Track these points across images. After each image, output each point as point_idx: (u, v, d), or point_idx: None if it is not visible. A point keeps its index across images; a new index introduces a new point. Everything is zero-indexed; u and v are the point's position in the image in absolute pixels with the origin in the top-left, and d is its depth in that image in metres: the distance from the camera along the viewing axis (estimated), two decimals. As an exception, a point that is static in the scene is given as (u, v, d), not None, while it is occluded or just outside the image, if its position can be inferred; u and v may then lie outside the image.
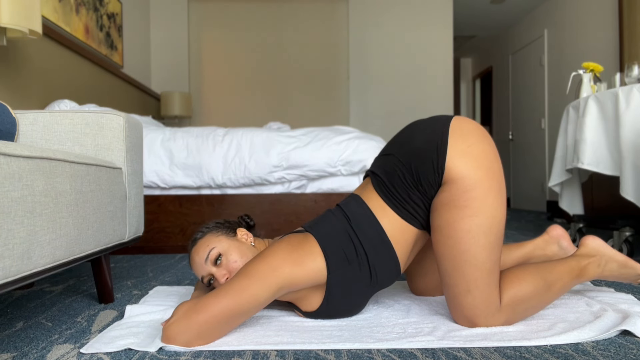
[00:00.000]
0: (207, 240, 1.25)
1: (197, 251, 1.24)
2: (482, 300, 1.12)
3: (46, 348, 1.07)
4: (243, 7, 4.84)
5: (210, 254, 1.22)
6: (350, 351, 1.02)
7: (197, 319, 1.03)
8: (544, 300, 1.21)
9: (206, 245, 1.24)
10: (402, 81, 4.99)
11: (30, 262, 0.96)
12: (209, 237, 1.26)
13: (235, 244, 1.25)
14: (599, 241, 1.36)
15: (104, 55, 3.33)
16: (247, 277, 1.07)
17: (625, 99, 2.13)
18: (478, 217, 1.12)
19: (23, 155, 0.94)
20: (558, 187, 2.69)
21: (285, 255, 1.12)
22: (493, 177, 1.14)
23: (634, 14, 3.87)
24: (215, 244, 1.24)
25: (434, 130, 1.19)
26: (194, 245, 1.27)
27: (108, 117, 1.47)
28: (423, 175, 1.16)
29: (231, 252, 1.23)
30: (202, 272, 1.23)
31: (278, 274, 1.09)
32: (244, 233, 1.31)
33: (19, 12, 1.80)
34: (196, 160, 2.46)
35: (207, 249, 1.23)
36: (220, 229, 1.28)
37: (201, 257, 1.23)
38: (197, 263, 1.24)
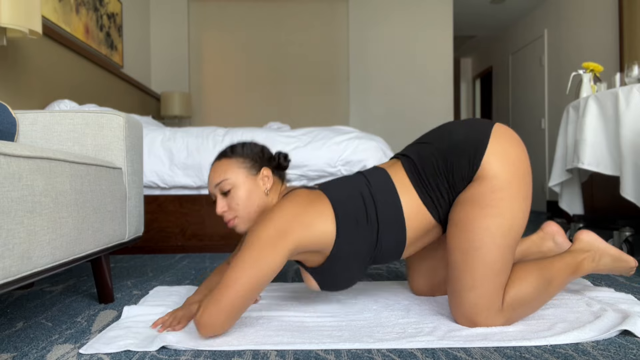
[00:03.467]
0: (228, 166, 1.23)
1: (215, 169, 1.24)
2: (485, 298, 1.13)
3: (46, 348, 1.07)
4: (243, 7, 4.84)
5: (222, 184, 1.21)
6: (350, 351, 1.02)
7: (226, 300, 1.04)
8: (543, 299, 1.22)
9: (224, 171, 1.22)
10: (402, 81, 4.99)
11: (30, 262, 0.96)
12: (231, 163, 1.23)
13: (248, 186, 1.22)
14: (593, 235, 1.38)
15: (104, 55, 3.33)
16: (258, 246, 1.07)
17: (625, 99, 2.13)
18: (500, 217, 1.13)
19: (23, 155, 0.94)
20: (558, 187, 2.69)
21: (294, 218, 1.11)
22: (524, 183, 1.15)
23: (634, 14, 3.87)
24: (232, 175, 1.21)
25: (477, 128, 1.20)
26: (218, 159, 1.25)
27: (108, 117, 1.46)
28: (457, 167, 1.17)
29: (240, 193, 1.21)
30: (209, 188, 1.25)
31: (288, 239, 1.09)
32: (265, 176, 1.25)
33: (19, 12, 1.80)
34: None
35: (222, 175, 1.22)
36: (247, 160, 1.24)
37: (214, 179, 1.23)
38: (210, 178, 1.25)
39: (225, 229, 2.50)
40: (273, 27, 4.86)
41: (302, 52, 4.88)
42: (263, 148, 1.28)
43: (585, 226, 2.52)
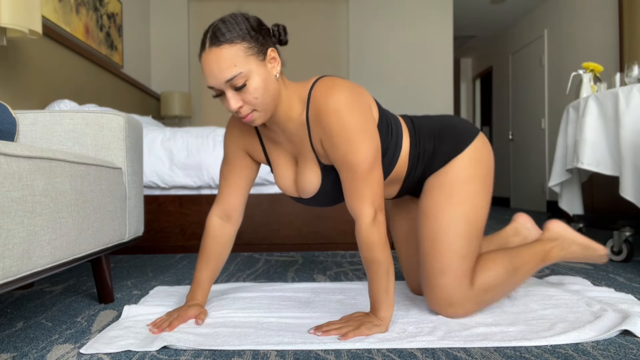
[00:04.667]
0: (234, 54, 1.04)
1: (219, 61, 1.04)
2: (454, 282, 1.21)
3: (46, 348, 1.07)
4: (243, 7, 4.83)
5: (236, 79, 1.05)
6: (350, 351, 1.02)
7: (373, 190, 1.12)
8: (511, 285, 1.30)
9: (232, 63, 1.03)
10: (402, 81, 4.99)
11: (30, 262, 0.96)
12: (237, 51, 1.04)
13: (262, 73, 1.07)
14: (562, 225, 1.47)
15: (104, 55, 3.33)
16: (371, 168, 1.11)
17: (625, 99, 2.13)
18: (465, 206, 1.24)
19: (23, 155, 0.94)
20: (558, 187, 2.69)
21: (368, 117, 1.13)
22: (487, 182, 1.29)
23: (634, 14, 3.87)
24: (243, 67, 1.04)
25: (470, 127, 1.34)
26: (217, 45, 1.04)
27: (108, 117, 1.47)
28: (446, 141, 1.29)
29: (255, 84, 1.07)
30: (213, 83, 1.06)
31: (376, 135, 1.14)
32: (273, 58, 1.11)
33: (19, 12, 1.80)
34: (196, 160, 2.46)
35: (232, 68, 1.03)
36: (254, 45, 1.06)
37: (223, 73, 1.04)
38: (213, 71, 1.05)
39: (225, 229, 2.50)
40: (273, 27, 4.86)
41: (302, 52, 4.88)
42: (259, 22, 1.10)
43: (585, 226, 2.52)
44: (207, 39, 1.05)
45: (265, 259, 2.30)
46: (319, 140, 1.16)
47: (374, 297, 1.15)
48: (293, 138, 1.21)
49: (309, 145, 1.19)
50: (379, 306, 1.14)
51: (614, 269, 1.94)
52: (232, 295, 1.48)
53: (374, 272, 1.13)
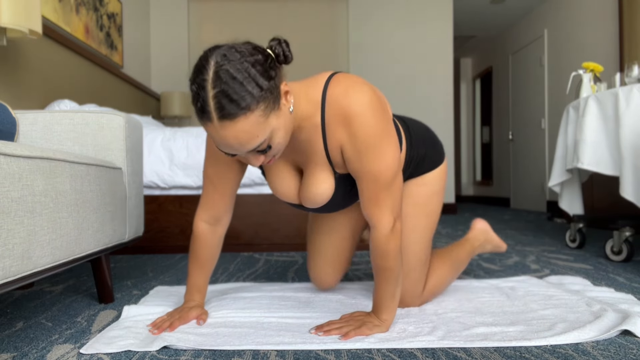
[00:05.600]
0: (253, 124, 0.87)
1: (237, 135, 0.87)
2: (412, 286, 1.34)
3: (46, 348, 1.07)
4: (243, 7, 4.84)
5: (260, 146, 0.92)
6: (350, 351, 1.02)
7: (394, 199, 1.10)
8: (450, 282, 1.47)
9: (253, 135, 0.88)
10: (402, 81, 4.99)
11: (30, 262, 0.96)
12: (256, 119, 0.87)
13: (281, 122, 0.93)
14: (485, 225, 1.67)
15: (104, 55, 3.33)
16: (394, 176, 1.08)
17: (625, 99, 2.13)
18: (433, 217, 1.36)
19: (23, 155, 0.94)
20: (558, 187, 2.69)
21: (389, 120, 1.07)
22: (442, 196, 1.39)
23: (634, 14, 3.87)
24: (266, 131, 0.90)
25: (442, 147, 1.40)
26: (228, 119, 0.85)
27: (108, 117, 1.46)
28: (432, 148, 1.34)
29: (278, 138, 0.94)
30: (231, 152, 0.92)
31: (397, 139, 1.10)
32: (286, 92, 0.95)
33: (19, 12, 1.80)
34: (196, 160, 2.46)
35: (255, 139, 0.89)
36: (269, 99, 0.88)
37: (244, 147, 0.89)
38: (231, 146, 0.89)
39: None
40: (273, 27, 4.86)
41: (302, 52, 4.88)
42: (262, 60, 0.90)
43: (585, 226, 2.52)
44: (210, 109, 0.85)
45: (265, 259, 2.30)
46: (338, 147, 1.05)
47: (379, 300, 1.15)
48: (301, 145, 1.09)
49: (323, 153, 1.07)
50: (383, 309, 1.14)
51: (614, 269, 1.94)
52: (232, 295, 1.48)
53: (384, 279, 1.13)
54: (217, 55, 0.87)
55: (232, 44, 0.91)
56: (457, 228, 3.70)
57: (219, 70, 0.85)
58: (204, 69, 0.86)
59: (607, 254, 2.17)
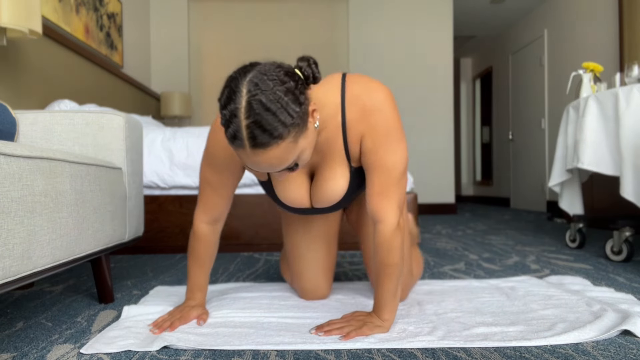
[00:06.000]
0: (285, 150, 0.90)
1: (270, 161, 0.90)
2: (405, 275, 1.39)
3: (46, 348, 1.07)
4: (243, 7, 4.84)
5: (289, 166, 0.95)
6: (350, 351, 1.02)
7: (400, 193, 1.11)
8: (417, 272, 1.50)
9: (285, 159, 0.91)
10: (402, 81, 4.99)
11: (30, 262, 0.96)
12: (287, 145, 0.89)
13: (308, 141, 0.95)
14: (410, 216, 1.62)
15: (104, 55, 3.33)
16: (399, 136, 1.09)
17: (625, 99, 2.13)
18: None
19: (23, 155, 0.94)
20: (558, 187, 2.69)
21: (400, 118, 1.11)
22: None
23: (634, 14, 3.87)
24: (295, 153, 0.92)
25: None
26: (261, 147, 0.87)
27: (108, 117, 1.46)
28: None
29: (305, 155, 0.97)
30: (255, 169, 0.95)
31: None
32: (313, 110, 0.97)
33: (19, 12, 1.80)
34: (196, 160, 2.46)
35: (286, 162, 0.92)
36: (299, 124, 0.90)
37: (275, 169, 0.93)
38: (263, 169, 0.92)
39: (225, 229, 2.50)
40: (273, 27, 4.86)
41: (302, 52, 4.87)
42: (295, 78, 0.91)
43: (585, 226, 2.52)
44: (243, 137, 0.87)
45: (265, 259, 2.30)
46: (358, 140, 1.09)
47: (380, 299, 1.14)
48: (317, 146, 1.12)
49: (342, 150, 1.11)
50: (384, 308, 1.14)
51: (614, 269, 1.94)
52: (232, 295, 1.48)
53: (387, 275, 1.12)
54: (249, 84, 0.87)
55: (263, 69, 0.89)
56: (457, 228, 3.70)
57: (251, 101, 0.85)
58: (236, 96, 0.87)
59: (607, 254, 2.17)
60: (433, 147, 5.07)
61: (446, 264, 2.12)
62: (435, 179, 5.11)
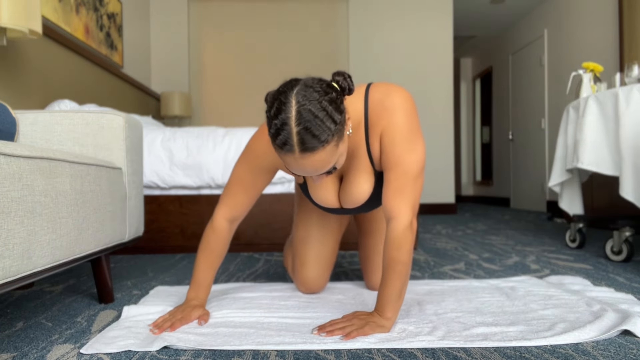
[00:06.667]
0: (328, 154, 0.99)
1: (314, 164, 0.98)
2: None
3: (46, 348, 1.07)
4: (243, 7, 4.84)
5: (328, 169, 1.04)
6: (350, 351, 1.02)
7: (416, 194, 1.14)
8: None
9: (327, 162, 1.00)
10: (402, 81, 4.99)
11: (30, 262, 0.96)
12: (330, 149, 0.99)
13: (344, 146, 1.05)
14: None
15: (104, 55, 3.33)
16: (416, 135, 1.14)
17: (625, 99, 2.13)
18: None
19: (23, 155, 0.94)
20: (558, 187, 2.69)
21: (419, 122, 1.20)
22: None
23: (634, 14, 3.87)
24: (335, 158, 1.02)
25: None
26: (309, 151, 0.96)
27: (108, 117, 1.47)
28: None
29: (341, 161, 1.07)
30: (298, 173, 1.03)
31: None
32: (348, 118, 1.06)
33: (19, 12, 1.80)
34: (196, 160, 2.46)
35: (327, 166, 1.01)
36: (340, 132, 1.00)
37: (317, 171, 1.01)
38: (306, 171, 1.01)
39: (225, 229, 2.50)
40: (273, 27, 4.86)
41: (302, 52, 4.88)
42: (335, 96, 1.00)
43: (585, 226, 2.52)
44: (293, 143, 0.95)
45: (265, 259, 2.30)
46: (378, 139, 1.16)
47: (384, 297, 1.14)
48: (349, 152, 1.20)
49: (365, 154, 1.19)
50: (387, 307, 1.14)
51: (614, 269, 1.94)
52: (232, 295, 1.48)
53: (394, 273, 1.13)
54: (297, 95, 0.96)
55: (307, 82, 0.99)
56: (457, 228, 3.70)
57: (301, 110, 0.94)
58: (286, 107, 0.95)
59: (607, 254, 2.17)
60: (433, 146, 5.07)
61: (446, 264, 2.12)
62: (435, 179, 5.11)
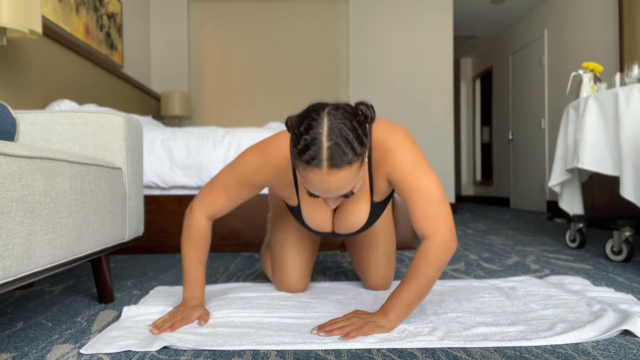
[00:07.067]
0: (352, 174, 1.00)
1: (338, 182, 0.99)
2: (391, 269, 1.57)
3: (46, 348, 1.07)
4: (243, 7, 4.84)
5: (348, 193, 1.05)
6: (350, 351, 1.02)
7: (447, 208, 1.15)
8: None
9: (350, 182, 1.01)
10: (402, 81, 4.99)
11: (30, 262, 0.96)
12: (354, 169, 1.00)
13: (363, 171, 1.05)
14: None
15: (104, 55, 3.33)
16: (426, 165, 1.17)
17: (625, 99, 2.13)
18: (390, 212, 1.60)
19: (23, 155, 0.94)
20: (558, 187, 2.69)
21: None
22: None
23: (634, 14, 3.87)
24: (356, 180, 1.03)
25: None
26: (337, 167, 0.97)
27: (108, 117, 1.47)
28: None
29: (358, 186, 1.07)
30: (323, 195, 1.03)
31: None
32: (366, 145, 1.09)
33: (19, 12, 1.80)
34: (196, 160, 2.46)
35: (349, 186, 1.02)
36: (363, 154, 1.02)
37: (339, 191, 1.01)
38: (329, 190, 1.01)
39: (225, 229, 2.50)
40: (273, 27, 4.86)
41: (302, 52, 4.88)
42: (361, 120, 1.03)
43: (585, 226, 2.52)
44: (322, 158, 0.96)
45: (265, 259, 2.30)
46: (384, 179, 1.21)
47: (394, 300, 1.14)
48: None
49: (367, 185, 1.24)
50: (393, 311, 1.13)
51: (614, 269, 1.94)
52: (232, 295, 1.48)
53: (414, 282, 1.13)
54: (328, 115, 0.99)
55: (336, 105, 1.02)
56: (457, 228, 3.70)
57: (333, 127, 0.97)
58: (317, 123, 0.98)
59: (607, 254, 2.17)
60: (433, 146, 5.07)
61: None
62: (435, 179, 5.10)
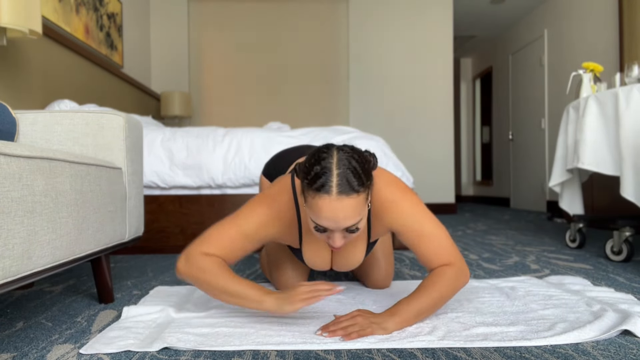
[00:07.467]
0: (360, 203, 1.05)
1: (346, 209, 1.03)
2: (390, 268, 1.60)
3: (46, 348, 1.07)
4: (243, 7, 4.84)
5: (354, 226, 1.09)
6: (350, 351, 1.02)
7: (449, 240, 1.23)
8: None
9: (357, 212, 1.05)
10: (402, 81, 4.99)
11: (30, 262, 0.96)
12: (362, 199, 1.05)
13: (366, 213, 1.11)
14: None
15: (104, 55, 3.33)
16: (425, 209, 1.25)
17: (625, 99, 2.13)
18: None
19: (23, 155, 0.94)
20: (558, 187, 2.69)
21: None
22: None
23: (634, 14, 3.87)
24: (363, 213, 1.07)
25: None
26: (347, 194, 1.02)
27: (108, 117, 1.46)
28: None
29: (362, 223, 1.11)
30: (330, 226, 1.06)
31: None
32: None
33: (19, 12, 1.80)
34: (196, 160, 2.46)
35: (356, 217, 1.06)
36: (368, 193, 1.08)
37: (347, 221, 1.05)
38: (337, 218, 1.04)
39: (225, 229, 2.50)
40: (273, 27, 4.86)
41: (302, 52, 4.88)
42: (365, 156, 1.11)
43: (585, 226, 2.52)
44: (332, 184, 1.01)
45: (265, 259, 2.30)
46: (384, 228, 1.28)
47: (404, 307, 1.14)
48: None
49: (365, 230, 1.30)
50: (400, 315, 1.13)
51: (614, 269, 1.94)
52: (232, 295, 1.48)
53: (428, 296, 1.16)
54: (338, 149, 1.08)
55: (343, 145, 1.11)
56: (457, 228, 3.70)
57: (342, 158, 1.05)
58: (328, 155, 1.06)
59: (607, 254, 2.17)
60: (433, 147, 5.07)
61: (446, 264, 2.12)
62: (435, 179, 5.11)
